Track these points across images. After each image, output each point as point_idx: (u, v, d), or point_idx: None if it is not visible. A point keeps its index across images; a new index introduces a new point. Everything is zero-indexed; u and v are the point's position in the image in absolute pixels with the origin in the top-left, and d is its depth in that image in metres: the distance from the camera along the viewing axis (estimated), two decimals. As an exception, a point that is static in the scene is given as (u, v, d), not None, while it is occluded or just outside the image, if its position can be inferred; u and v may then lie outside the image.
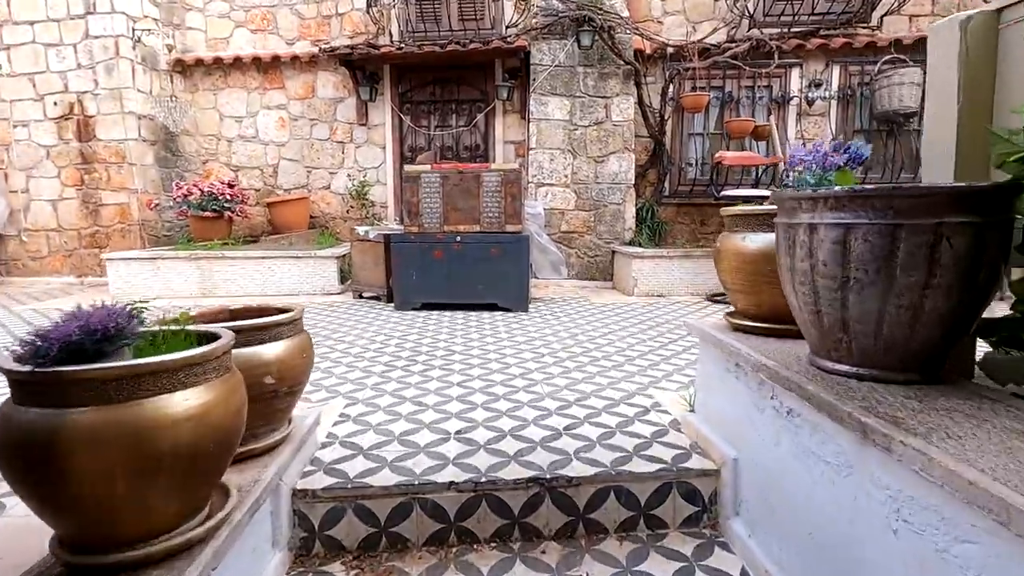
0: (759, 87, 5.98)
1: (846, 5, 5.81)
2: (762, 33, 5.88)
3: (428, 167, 4.34)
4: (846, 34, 5.87)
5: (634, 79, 5.74)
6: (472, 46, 5.74)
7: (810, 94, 5.91)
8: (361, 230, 4.99)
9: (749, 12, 5.94)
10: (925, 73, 5.60)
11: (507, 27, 6.13)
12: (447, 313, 4.36)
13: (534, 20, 5.85)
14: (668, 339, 3.46)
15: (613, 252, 5.75)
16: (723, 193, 4.84)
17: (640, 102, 5.90)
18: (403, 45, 6.01)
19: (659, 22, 6.25)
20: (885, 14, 5.82)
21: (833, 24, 5.89)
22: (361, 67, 6.28)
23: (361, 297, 5.12)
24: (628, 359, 3.00)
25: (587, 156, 5.79)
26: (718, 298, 4.99)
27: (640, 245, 5.64)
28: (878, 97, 5.64)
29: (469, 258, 4.37)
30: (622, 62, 5.63)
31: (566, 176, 5.81)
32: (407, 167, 4.37)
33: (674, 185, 6.19)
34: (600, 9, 5.46)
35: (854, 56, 5.85)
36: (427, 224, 4.38)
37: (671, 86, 5.87)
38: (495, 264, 4.36)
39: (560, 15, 5.58)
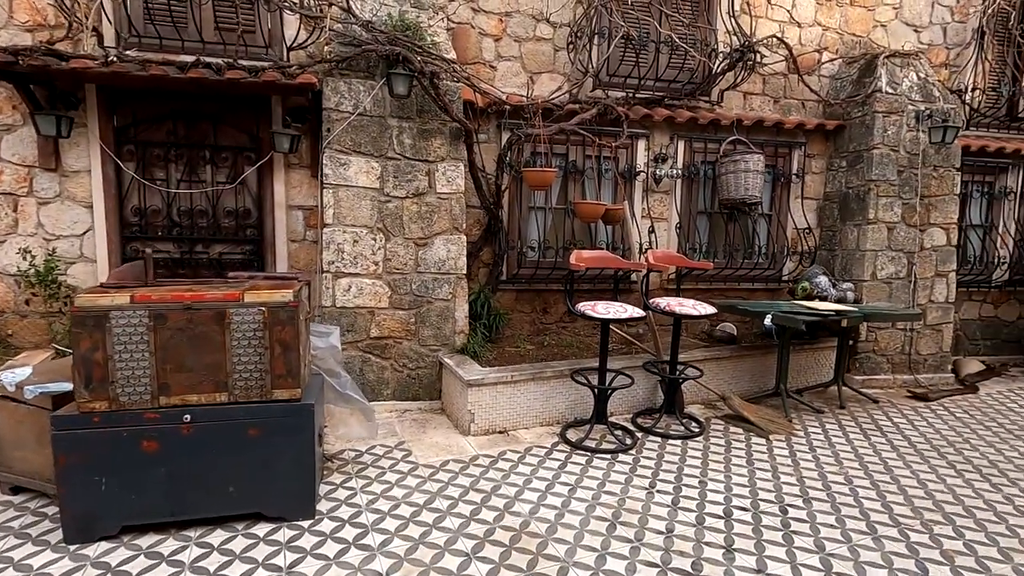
0: (605, 158, 5.16)
1: (691, 76, 5.27)
2: (607, 95, 5.06)
3: (126, 298, 2.49)
4: (690, 106, 5.35)
5: (464, 140, 4.46)
6: (231, 73, 3.89)
7: (657, 170, 5.26)
8: (7, 379, 2.86)
9: (593, 70, 5.07)
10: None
11: (290, 48, 4.39)
12: (167, 546, 2.55)
13: (327, 48, 4.22)
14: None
15: (441, 364, 4.40)
16: (579, 308, 3.80)
17: (471, 166, 4.65)
18: (116, 57, 3.89)
19: (491, 67, 5.07)
20: (726, 89, 5.43)
21: (678, 94, 5.32)
22: (45, 83, 3.99)
23: (16, 493, 2.99)
24: None
25: (405, 237, 4.34)
26: (569, 433, 3.96)
27: (475, 352, 4.39)
28: (723, 183, 5.19)
29: (210, 446, 2.63)
30: (448, 118, 4.31)
31: (376, 264, 4.29)
32: (80, 298, 2.45)
33: (512, 268, 5.06)
34: (419, 48, 4.06)
35: (698, 132, 5.35)
36: (126, 396, 2.53)
37: (509, 152, 4.74)
38: (256, 451, 2.69)
39: (364, 47, 4.04)
